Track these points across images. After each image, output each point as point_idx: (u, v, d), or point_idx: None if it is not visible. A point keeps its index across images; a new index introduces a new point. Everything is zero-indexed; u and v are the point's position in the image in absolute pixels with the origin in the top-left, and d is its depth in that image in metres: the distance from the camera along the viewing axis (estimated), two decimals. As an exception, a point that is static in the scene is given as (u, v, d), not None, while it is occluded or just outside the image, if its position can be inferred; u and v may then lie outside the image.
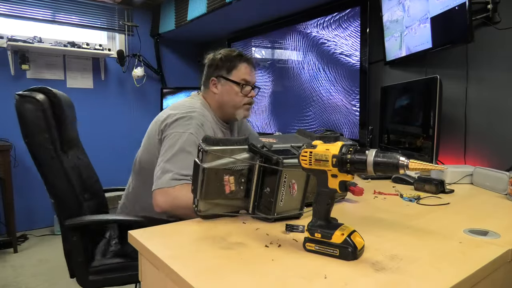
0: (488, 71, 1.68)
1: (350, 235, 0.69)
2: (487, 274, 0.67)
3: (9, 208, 2.73)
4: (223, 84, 1.35)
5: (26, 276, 2.35)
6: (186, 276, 0.61)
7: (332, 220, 0.73)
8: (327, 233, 0.69)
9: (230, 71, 1.35)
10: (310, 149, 0.71)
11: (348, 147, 0.68)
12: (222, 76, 1.35)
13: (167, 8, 3.41)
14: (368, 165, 0.64)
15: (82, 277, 1.26)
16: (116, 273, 1.28)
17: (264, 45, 3.16)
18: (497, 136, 1.66)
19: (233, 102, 1.35)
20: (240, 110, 1.36)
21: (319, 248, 0.71)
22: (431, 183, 1.24)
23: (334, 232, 0.69)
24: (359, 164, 0.65)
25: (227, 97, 1.35)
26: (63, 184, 1.26)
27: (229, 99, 1.35)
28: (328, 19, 2.48)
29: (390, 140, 1.90)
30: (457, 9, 1.53)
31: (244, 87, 1.36)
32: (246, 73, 1.36)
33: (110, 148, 3.50)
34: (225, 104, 1.36)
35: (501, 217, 1.01)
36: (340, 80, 2.43)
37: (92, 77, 3.46)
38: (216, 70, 1.36)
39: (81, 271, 1.26)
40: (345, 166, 0.67)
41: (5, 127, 2.99)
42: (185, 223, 0.90)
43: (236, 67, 1.35)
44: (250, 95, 1.37)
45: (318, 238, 0.71)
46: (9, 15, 3.02)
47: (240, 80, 1.35)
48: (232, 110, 1.36)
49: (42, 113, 1.25)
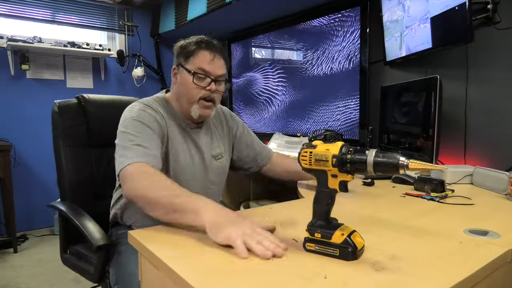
0: (488, 71, 1.68)
1: (350, 235, 0.69)
2: (487, 274, 0.67)
3: (9, 208, 2.73)
4: (180, 73, 1.17)
5: (26, 276, 2.35)
6: (186, 276, 0.61)
7: (332, 220, 0.73)
8: (327, 233, 0.69)
9: (187, 58, 1.16)
10: (310, 149, 0.70)
11: (348, 147, 0.67)
12: (181, 65, 1.17)
13: (167, 8, 3.41)
14: (368, 165, 0.64)
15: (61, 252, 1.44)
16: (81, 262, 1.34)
17: (264, 45, 3.16)
18: (497, 136, 1.66)
19: (187, 94, 1.15)
20: (195, 105, 1.15)
21: (319, 248, 0.70)
22: (431, 183, 1.24)
23: (334, 232, 0.69)
24: (359, 164, 0.65)
25: (183, 88, 1.16)
26: (62, 171, 1.45)
27: (184, 91, 1.16)
28: (328, 19, 2.49)
29: (390, 140, 1.90)
30: (457, 9, 1.53)
31: (200, 77, 1.14)
32: (205, 61, 1.14)
33: (110, 148, 3.50)
34: (181, 97, 1.18)
35: (501, 217, 1.01)
36: (340, 80, 2.43)
37: (92, 77, 3.46)
38: (177, 58, 1.20)
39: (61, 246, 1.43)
40: (345, 166, 0.67)
41: (5, 127, 2.99)
42: (185, 223, 0.90)
43: (193, 53, 1.15)
44: (208, 88, 1.14)
45: (318, 238, 0.70)
46: (9, 15, 3.02)
47: (196, 69, 1.14)
48: (186, 104, 1.17)
49: (58, 116, 1.47)
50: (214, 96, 1.17)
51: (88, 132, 1.52)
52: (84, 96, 1.55)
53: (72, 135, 1.49)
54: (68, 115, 1.49)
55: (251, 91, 3.29)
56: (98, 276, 1.21)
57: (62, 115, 1.48)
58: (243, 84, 3.38)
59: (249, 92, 3.30)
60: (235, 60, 3.45)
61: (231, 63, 3.48)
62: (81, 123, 1.52)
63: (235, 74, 3.46)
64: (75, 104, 1.53)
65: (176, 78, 1.19)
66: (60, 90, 3.27)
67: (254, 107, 3.26)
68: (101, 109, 1.57)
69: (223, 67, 1.18)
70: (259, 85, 3.19)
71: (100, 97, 1.61)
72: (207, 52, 1.15)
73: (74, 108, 1.52)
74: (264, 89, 3.13)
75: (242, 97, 3.41)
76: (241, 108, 3.43)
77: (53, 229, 3.17)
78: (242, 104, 3.42)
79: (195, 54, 1.15)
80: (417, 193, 1.22)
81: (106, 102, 1.61)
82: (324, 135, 1.58)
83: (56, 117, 1.48)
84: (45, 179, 3.19)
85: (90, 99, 1.55)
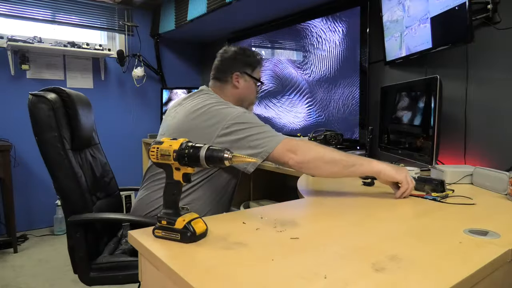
0: (488, 71, 1.68)
1: (191, 221, 0.77)
2: (487, 274, 0.67)
3: (9, 208, 2.73)
4: (246, 80, 1.38)
5: (26, 276, 2.35)
6: (186, 276, 0.61)
7: (182, 209, 0.79)
8: (171, 220, 0.77)
9: (254, 69, 1.39)
10: (157, 145, 0.79)
11: (188, 144, 0.76)
12: (246, 72, 1.38)
13: (167, 8, 3.41)
14: (201, 159, 0.74)
15: (83, 273, 1.28)
16: (117, 271, 1.28)
17: (264, 45, 3.16)
18: (497, 136, 1.66)
19: (250, 99, 1.42)
20: (252, 106, 1.46)
21: (165, 234, 0.77)
22: (431, 183, 1.24)
23: (177, 219, 0.76)
24: (195, 158, 0.74)
25: (248, 93, 1.40)
26: (68, 181, 1.29)
27: (249, 96, 1.41)
28: (328, 19, 2.49)
29: (390, 140, 1.90)
30: (457, 9, 1.53)
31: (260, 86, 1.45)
32: (260, 74, 1.44)
33: (109, 148, 3.49)
34: (244, 100, 1.40)
35: (501, 217, 1.01)
36: (340, 80, 2.43)
37: (92, 77, 3.46)
38: (240, 66, 1.37)
39: (82, 267, 1.28)
40: (183, 160, 0.75)
41: (5, 127, 2.99)
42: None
43: (258, 65, 1.41)
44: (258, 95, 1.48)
45: (164, 224, 0.77)
46: (9, 15, 3.02)
47: (259, 78, 1.42)
48: (247, 106, 1.41)
49: (52, 112, 1.28)
50: None
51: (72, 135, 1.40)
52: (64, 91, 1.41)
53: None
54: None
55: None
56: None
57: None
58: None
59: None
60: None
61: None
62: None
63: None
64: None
65: (239, 83, 1.37)
66: (60, 90, 3.27)
67: (254, 107, 3.26)
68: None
69: None
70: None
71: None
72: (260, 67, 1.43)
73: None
74: (264, 89, 3.13)
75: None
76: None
77: (53, 229, 3.17)
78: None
79: (258, 66, 1.41)
80: (417, 193, 1.22)
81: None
82: (324, 135, 1.58)
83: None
84: (45, 179, 3.19)
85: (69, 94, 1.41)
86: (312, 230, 0.86)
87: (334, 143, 1.60)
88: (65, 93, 1.36)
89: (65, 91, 1.36)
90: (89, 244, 1.28)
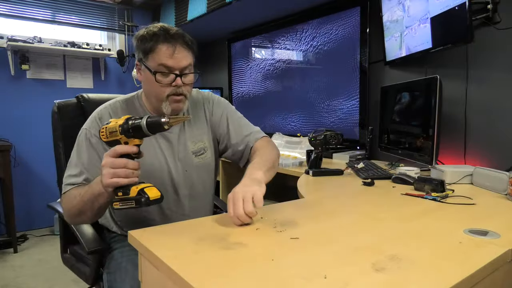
0: (488, 71, 1.68)
1: (145, 188, 0.83)
2: (487, 274, 0.67)
3: (9, 208, 2.73)
4: (143, 70, 1.07)
5: (26, 276, 2.35)
6: (186, 276, 0.60)
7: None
8: (126, 190, 0.84)
9: (146, 54, 1.04)
10: (105, 125, 0.87)
11: (130, 118, 0.84)
12: (142, 61, 1.07)
13: (167, 8, 3.41)
14: (143, 128, 0.82)
15: (61, 251, 1.45)
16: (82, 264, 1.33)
17: (264, 45, 3.16)
18: (497, 136, 1.66)
19: (154, 92, 1.07)
20: (164, 103, 1.06)
21: (123, 204, 0.84)
22: (431, 183, 1.24)
23: (131, 188, 0.83)
24: (138, 128, 0.82)
25: (148, 86, 1.09)
26: (62, 172, 1.38)
27: (150, 89, 1.08)
28: (328, 19, 2.49)
29: (390, 140, 1.90)
30: (457, 9, 1.53)
31: (164, 74, 1.03)
32: (165, 56, 1.02)
33: (110, 148, 3.50)
34: (149, 95, 1.11)
35: (501, 217, 1.01)
36: (340, 80, 2.43)
37: (92, 77, 3.46)
38: (137, 53, 1.08)
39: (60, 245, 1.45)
40: (128, 132, 0.83)
41: (5, 127, 2.99)
42: (185, 223, 0.90)
43: (152, 49, 1.03)
44: (174, 84, 1.04)
45: (120, 196, 0.84)
46: (9, 15, 3.02)
47: (157, 66, 1.03)
48: (156, 102, 1.08)
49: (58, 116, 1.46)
50: (183, 90, 1.06)
51: None
52: (84, 96, 1.54)
53: (72, 136, 1.48)
54: (68, 115, 1.48)
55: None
56: (92, 279, 1.21)
57: (62, 115, 1.47)
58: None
59: (249, 92, 3.31)
60: (235, 60, 3.45)
61: (229, 61, 3.48)
62: (80, 123, 1.51)
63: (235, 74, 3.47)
64: (75, 104, 1.53)
65: (141, 74, 1.09)
66: (60, 90, 3.27)
67: (254, 107, 3.26)
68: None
69: (188, 57, 1.06)
70: (256, 86, 3.19)
71: (100, 96, 1.61)
72: (166, 45, 1.02)
73: (73, 108, 1.51)
74: (264, 88, 3.13)
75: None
76: (242, 108, 3.43)
77: (53, 229, 3.17)
78: (242, 103, 3.42)
79: (153, 50, 1.03)
80: (417, 193, 1.22)
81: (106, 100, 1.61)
82: (324, 135, 1.58)
83: (55, 117, 1.47)
84: (45, 179, 3.19)
85: (90, 99, 1.55)
86: (312, 230, 0.86)
87: (334, 143, 1.59)
88: (82, 98, 1.52)
89: (83, 96, 1.53)
90: (69, 228, 1.32)
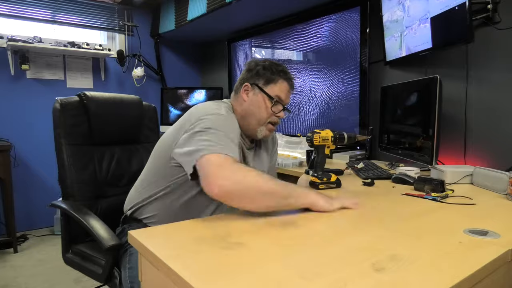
0: (488, 71, 1.68)
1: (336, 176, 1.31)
2: (487, 274, 0.67)
3: (9, 208, 2.73)
4: (255, 93, 1.24)
5: (26, 276, 2.35)
6: (186, 276, 0.61)
7: (325, 170, 1.30)
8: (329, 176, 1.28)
9: (268, 83, 1.24)
10: (317, 134, 1.25)
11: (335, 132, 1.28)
12: (257, 85, 1.24)
13: (167, 8, 3.41)
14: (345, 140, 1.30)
15: (63, 251, 1.43)
16: (86, 262, 1.32)
17: (264, 45, 3.16)
18: (497, 136, 1.66)
19: (259, 115, 1.23)
20: (262, 127, 1.24)
21: (326, 186, 1.28)
22: (431, 183, 1.24)
23: (331, 176, 1.28)
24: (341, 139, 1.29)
25: (255, 108, 1.23)
26: (64, 169, 1.44)
27: (256, 111, 1.23)
28: (328, 19, 2.49)
29: (390, 140, 1.90)
30: (457, 9, 1.53)
31: (276, 104, 1.24)
32: (283, 91, 1.25)
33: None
34: (250, 115, 1.24)
35: (501, 217, 1.01)
36: (340, 80, 2.43)
37: (92, 77, 3.46)
38: (254, 77, 1.25)
39: (63, 245, 1.43)
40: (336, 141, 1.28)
41: (5, 127, 2.99)
42: (185, 223, 0.90)
43: (275, 81, 1.24)
44: (278, 114, 1.25)
45: (325, 181, 1.27)
46: (9, 15, 3.02)
47: (275, 95, 1.23)
48: (254, 124, 1.24)
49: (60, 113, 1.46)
50: (278, 121, 1.30)
51: (90, 130, 1.51)
52: (86, 94, 1.54)
53: (74, 133, 1.48)
54: (70, 112, 1.48)
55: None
56: (106, 277, 1.19)
57: (64, 112, 1.46)
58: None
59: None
60: (235, 60, 3.45)
61: (229, 61, 3.48)
62: (83, 121, 1.51)
63: (235, 74, 3.46)
64: (77, 101, 1.52)
65: (248, 95, 1.25)
66: (60, 90, 3.27)
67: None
68: (102, 106, 1.56)
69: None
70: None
71: (102, 95, 1.61)
72: (287, 84, 1.27)
73: (75, 106, 1.51)
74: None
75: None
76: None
77: (53, 229, 3.17)
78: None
79: (277, 82, 1.24)
80: (417, 193, 1.22)
81: (108, 99, 1.61)
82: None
83: (57, 115, 1.45)
84: (45, 179, 3.19)
85: (92, 97, 1.55)
86: (312, 230, 0.86)
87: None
88: (85, 96, 1.55)
89: (86, 94, 1.56)
90: (71, 228, 1.39)
